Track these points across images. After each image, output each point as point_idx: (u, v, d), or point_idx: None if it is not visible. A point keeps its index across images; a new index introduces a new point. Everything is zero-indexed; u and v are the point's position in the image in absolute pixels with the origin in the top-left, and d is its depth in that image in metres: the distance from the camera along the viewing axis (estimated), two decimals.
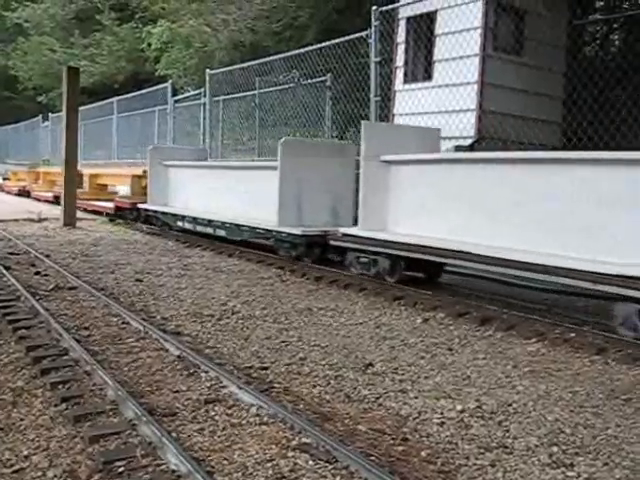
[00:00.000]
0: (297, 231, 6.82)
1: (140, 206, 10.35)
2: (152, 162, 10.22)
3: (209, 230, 8.55)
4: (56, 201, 13.30)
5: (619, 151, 5.76)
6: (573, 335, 4.14)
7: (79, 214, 11.16)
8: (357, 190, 6.83)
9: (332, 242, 6.51)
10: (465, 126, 8.05)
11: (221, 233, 8.26)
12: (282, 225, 6.99)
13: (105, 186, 14.45)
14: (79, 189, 13.80)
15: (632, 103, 7.48)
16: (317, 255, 6.91)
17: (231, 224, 8.00)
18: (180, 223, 9.35)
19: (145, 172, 11.19)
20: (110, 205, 11.97)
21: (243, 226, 7.75)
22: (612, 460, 2.49)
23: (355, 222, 6.99)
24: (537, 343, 4.08)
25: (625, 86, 7.83)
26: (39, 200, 16.53)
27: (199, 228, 8.81)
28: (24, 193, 18.72)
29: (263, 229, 7.36)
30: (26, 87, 27.91)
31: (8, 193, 20.80)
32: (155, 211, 10.04)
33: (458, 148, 7.76)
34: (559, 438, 2.68)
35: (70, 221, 10.42)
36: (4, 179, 23.37)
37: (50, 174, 17.75)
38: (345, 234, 6.37)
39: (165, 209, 9.87)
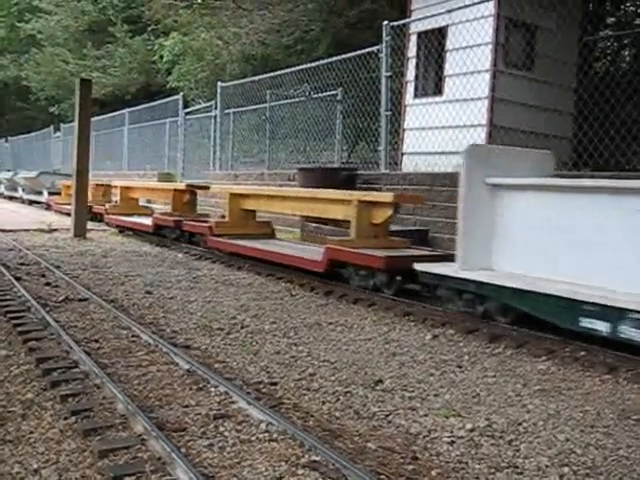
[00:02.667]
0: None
1: (419, 268, 5.37)
2: (469, 179, 5.03)
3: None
4: (154, 232, 10.31)
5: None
6: (583, 353, 4.11)
7: (90, 225, 11.20)
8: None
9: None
10: (475, 141, 8.06)
11: None
12: None
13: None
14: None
15: None
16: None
17: None
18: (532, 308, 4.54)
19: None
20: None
21: None
22: None
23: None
24: (547, 361, 4.06)
25: (636, 102, 7.83)
26: (122, 228, 11.64)
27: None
28: (95, 215, 12.71)
29: None
30: (39, 98, 28.16)
31: (60, 213, 14.82)
32: (463, 280, 4.97)
33: None
34: (570, 458, 2.66)
35: (80, 232, 10.46)
36: (50, 194, 17.44)
37: (133, 190, 12.64)
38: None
39: (493, 278, 4.80)
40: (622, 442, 2.83)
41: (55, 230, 11.16)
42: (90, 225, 11.26)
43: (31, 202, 19.58)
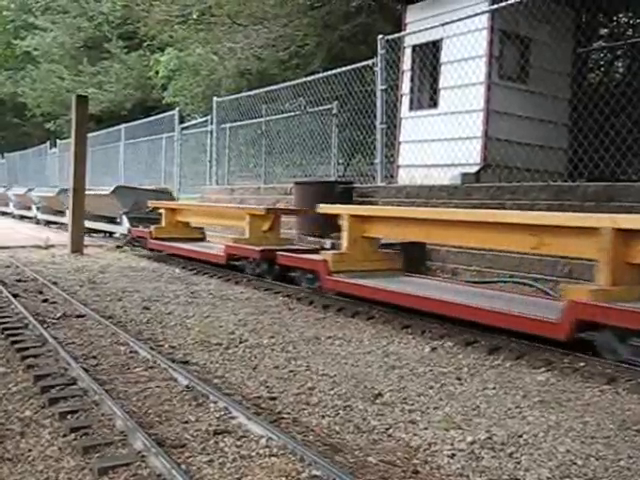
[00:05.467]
0: None
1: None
2: None
3: None
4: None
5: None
6: (583, 364, 4.11)
7: (88, 241, 11.18)
8: None
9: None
10: (471, 153, 8.10)
11: None
12: None
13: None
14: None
15: (638, 130, 7.51)
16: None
17: None
18: None
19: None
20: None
21: None
22: None
23: None
24: (547, 372, 4.06)
25: (630, 113, 7.87)
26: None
27: None
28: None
29: None
30: (34, 114, 28.22)
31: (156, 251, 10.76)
32: None
33: (464, 176, 7.79)
34: (571, 470, 2.65)
35: (77, 248, 10.45)
36: (134, 219, 12.73)
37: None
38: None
39: None
40: (623, 453, 2.82)
41: (52, 246, 11.15)
42: (87, 241, 11.25)
43: (48, 223, 17.33)
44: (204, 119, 15.15)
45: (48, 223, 17.39)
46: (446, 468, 2.65)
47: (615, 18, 11.39)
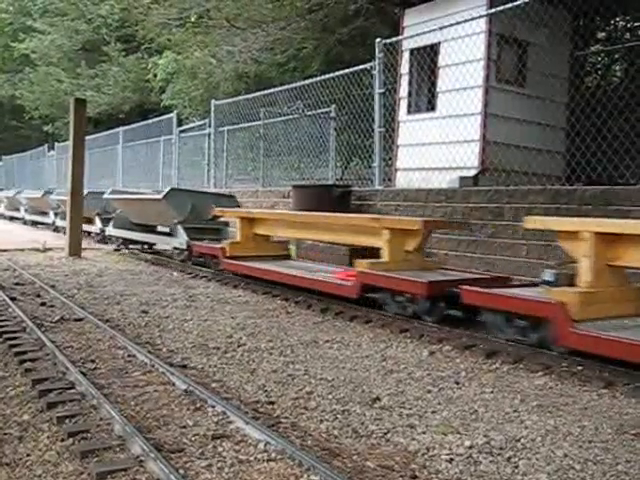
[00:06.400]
0: None
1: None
2: None
3: None
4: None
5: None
6: (580, 368, 4.12)
7: (85, 244, 11.17)
8: None
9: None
10: (469, 157, 8.11)
11: None
12: None
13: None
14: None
15: (635, 134, 7.52)
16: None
17: None
18: None
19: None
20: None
21: None
22: None
23: None
24: (544, 376, 4.06)
25: (628, 117, 7.88)
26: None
27: None
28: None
29: None
30: (32, 117, 28.19)
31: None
32: None
33: (462, 179, 7.80)
34: (569, 474, 2.66)
35: (75, 251, 10.44)
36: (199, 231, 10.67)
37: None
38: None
39: None
40: (621, 457, 2.83)
41: (50, 249, 11.15)
42: (85, 244, 11.24)
43: (34, 223, 17.95)
44: (202, 122, 15.17)
45: (35, 223, 18.10)
46: (444, 473, 2.65)
47: (612, 22, 11.40)
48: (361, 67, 9.62)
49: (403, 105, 9.33)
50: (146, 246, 11.72)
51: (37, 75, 26.69)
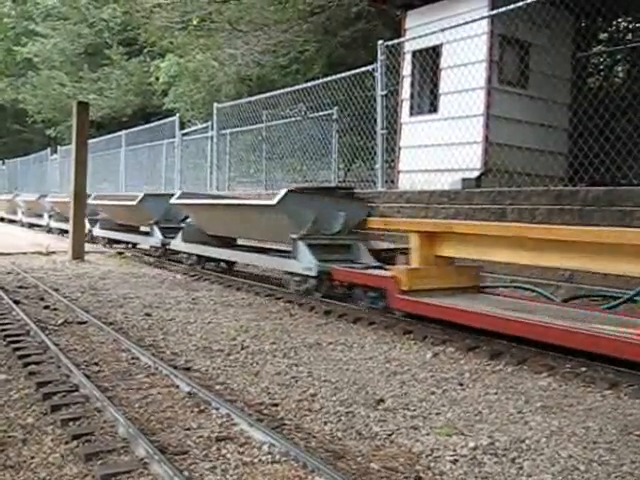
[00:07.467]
0: None
1: None
2: None
3: None
4: None
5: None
6: (584, 369, 4.11)
7: (87, 247, 11.18)
8: None
9: None
10: (472, 158, 8.10)
11: None
12: None
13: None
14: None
15: (637, 134, 7.52)
16: None
17: None
18: None
19: None
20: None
21: None
22: None
23: None
24: (548, 377, 4.06)
25: (630, 117, 7.88)
26: None
27: None
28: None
29: None
30: (35, 120, 28.24)
31: None
32: None
33: (465, 181, 7.80)
34: (573, 475, 2.65)
35: (78, 254, 10.45)
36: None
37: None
38: None
39: None
40: (625, 458, 2.82)
41: (53, 252, 11.16)
42: (87, 247, 11.25)
43: (31, 225, 18.45)
44: (204, 125, 15.17)
45: (31, 225, 18.60)
46: (449, 474, 2.65)
47: (614, 22, 11.41)
48: (363, 69, 9.61)
49: (405, 107, 9.33)
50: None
51: (40, 79, 26.74)
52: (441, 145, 8.57)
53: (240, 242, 9.33)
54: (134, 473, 2.56)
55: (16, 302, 6.16)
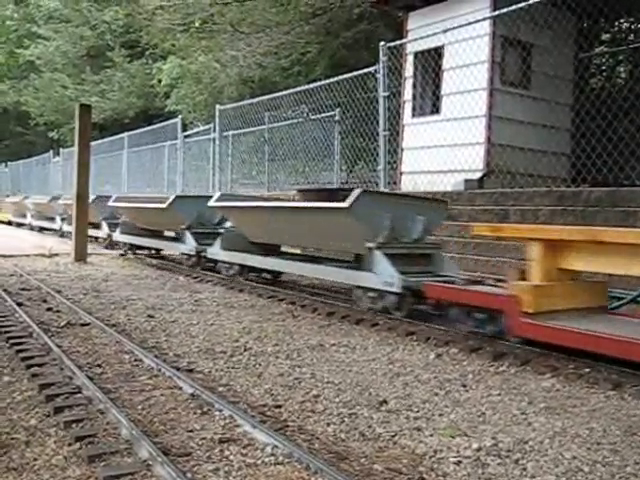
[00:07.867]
0: None
1: None
2: None
3: None
4: None
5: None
6: (588, 370, 4.11)
7: (90, 249, 11.18)
8: None
9: None
10: (474, 159, 8.10)
11: None
12: None
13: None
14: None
15: None
16: None
17: None
18: None
19: None
20: None
21: None
22: None
23: None
24: (552, 378, 4.05)
25: (633, 118, 7.87)
26: None
27: None
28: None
29: None
30: (38, 123, 28.32)
31: None
32: None
33: (467, 182, 7.80)
34: (577, 476, 2.64)
35: (81, 256, 10.46)
36: None
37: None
38: None
39: None
40: (629, 459, 2.81)
41: (56, 255, 11.17)
42: (90, 249, 11.26)
43: (41, 229, 17.69)
44: (207, 127, 15.18)
45: (42, 229, 17.87)
46: (452, 475, 2.64)
47: (616, 23, 11.41)
48: (365, 70, 9.61)
49: (408, 108, 9.33)
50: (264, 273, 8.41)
51: (42, 81, 26.81)
52: (443, 146, 8.57)
53: (283, 249, 8.54)
54: (137, 475, 2.56)
55: (19, 304, 6.17)
